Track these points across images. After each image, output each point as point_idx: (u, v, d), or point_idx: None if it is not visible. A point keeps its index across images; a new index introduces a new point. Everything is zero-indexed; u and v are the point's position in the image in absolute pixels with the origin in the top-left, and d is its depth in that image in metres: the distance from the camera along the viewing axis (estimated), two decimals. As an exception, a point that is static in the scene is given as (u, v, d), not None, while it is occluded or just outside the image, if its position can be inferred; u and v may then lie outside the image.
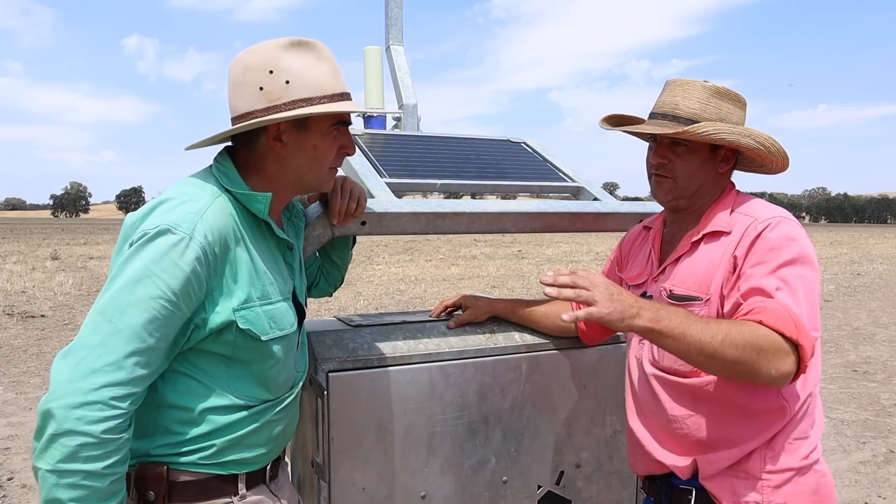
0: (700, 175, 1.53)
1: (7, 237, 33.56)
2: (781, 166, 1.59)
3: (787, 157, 1.54)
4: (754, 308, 1.35)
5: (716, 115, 1.51)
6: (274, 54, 1.32)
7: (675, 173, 1.54)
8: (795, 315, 1.32)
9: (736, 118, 1.53)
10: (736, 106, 1.54)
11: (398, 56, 2.73)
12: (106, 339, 1.15)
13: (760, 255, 1.41)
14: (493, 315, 1.91)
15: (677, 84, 1.56)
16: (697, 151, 1.52)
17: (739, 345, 1.29)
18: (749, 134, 1.48)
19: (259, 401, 1.37)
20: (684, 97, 1.52)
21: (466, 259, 19.81)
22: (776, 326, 1.30)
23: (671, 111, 1.53)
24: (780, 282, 1.37)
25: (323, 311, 9.65)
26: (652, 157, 1.56)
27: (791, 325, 1.31)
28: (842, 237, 44.76)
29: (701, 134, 1.46)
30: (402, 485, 1.74)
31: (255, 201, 1.34)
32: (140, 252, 1.20)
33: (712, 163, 1.54)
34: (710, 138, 1.46)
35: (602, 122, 1.66)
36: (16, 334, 8.24)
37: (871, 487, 4.14)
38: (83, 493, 1.12)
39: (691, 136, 1.47)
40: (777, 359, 1.30)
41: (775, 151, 1.51)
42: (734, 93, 1.54)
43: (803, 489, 1.45)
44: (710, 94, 1.52)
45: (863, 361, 7.36)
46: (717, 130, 1.46)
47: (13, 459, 4.39)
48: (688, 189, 1.55)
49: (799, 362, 1.33)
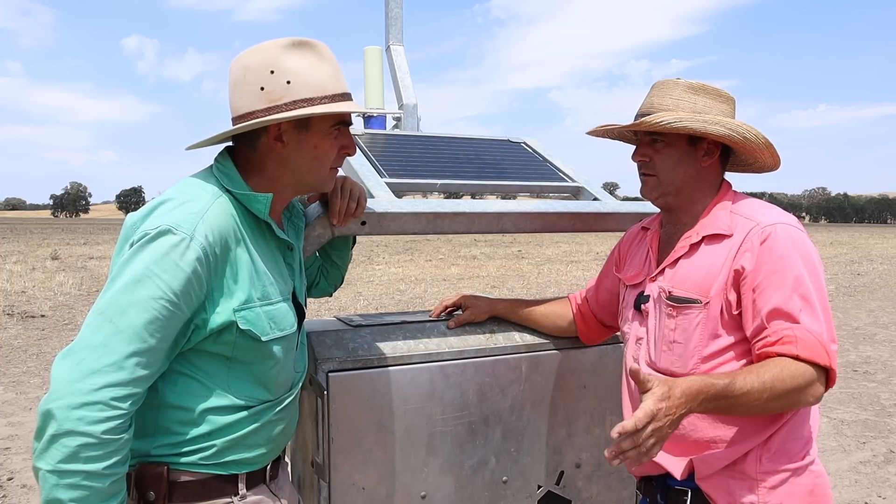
0: (681, 169, 1.53)
1: (7, 237, 33.56)
2: (772, 162, 1.58)
3: (773, 147, 1.52)
4: (783, 338, 1.37)
5: (690, 108, 1.51)
6: (275, 54, 1.31)
7: (656, 169, 1.55)
8: (824, 340, 1.37)
9: (716, 112, 1.52)
10: (716, 101, 1.53)
11: (398, 56, 2.73)
12: (107, 339, 1.15)
13: (770, 267, 1.41)
14: (493, 315, 1.91)
15: (657, 85, 1.58)
16: (674, 145, 1.53)
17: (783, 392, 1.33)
18: (720, 122, 1.47)
19: (259, 401, 1.37)
20: (660, 96, 1.54)
21: (466, 259, 19.81)
22: (811, 358, 1.35)
23: (647, 110, 1.54)
24: (800, 301, 1.39)
25: (323, 311, 9.65)
26: (634, 155, 1.59)
27: (823, 353, 1.36)
28: (842, 237, 44.76)
29: (660, 123, 1.46)
30: (402, 485, 1.74)
31: (255, 202, 1.34)
32: (141, 252, 1.20)
33: (693, 157, 1.53)
34: (671, 127, 1.46)
35: (589, 132, 1.71)
36: (16, 334, 8.25)
37: (871, 487, 4.14)
38: (83, 493, 1.12)
39: (650, 126, 1.47)
40: (815, 388, 1.37)
41: (752, 138, 1.49)
42: (713, 88, 1.54)
43: (799, 490, 1.45)
44: (683, 90, 1.52)
45: (863, 361, 7.36)
46: (678, 119, 1.46)
47: (13, 459, 4.39)
48: (671, 185, 1.55)
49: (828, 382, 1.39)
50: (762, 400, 1.32)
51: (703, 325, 1.47)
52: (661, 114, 1.48)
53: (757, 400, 1.32)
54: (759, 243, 1.43)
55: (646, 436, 1.19)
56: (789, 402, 1.36)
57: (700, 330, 1.47)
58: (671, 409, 1.23)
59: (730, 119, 1.52)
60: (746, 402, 1.32)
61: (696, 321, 1.48)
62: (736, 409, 1.35)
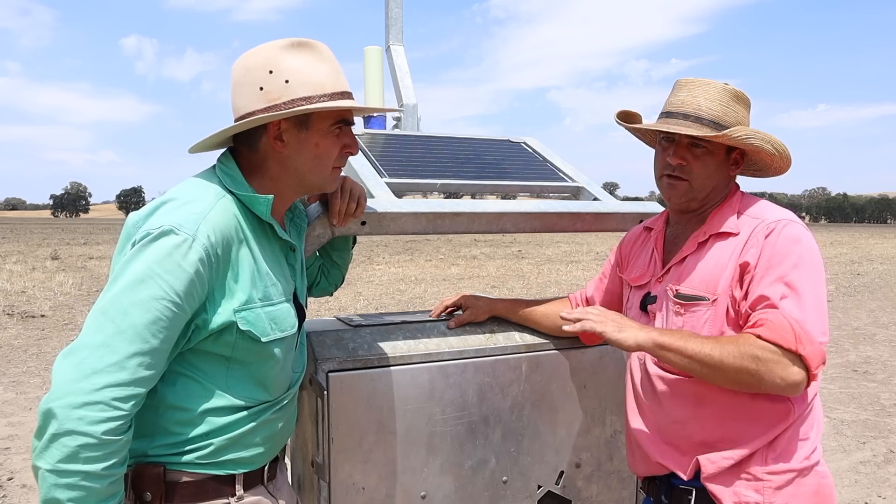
0: (715, 177, 1.54)
1: (7, 237, 33.56)
2: (782, 170, 1.60)
3: (791, 160, 1.55)
4: (756, 321, 1.38)
5: (734, 118, 1.51)
6: (274, 54, 1.32)
7: (692, 175, 1.52)
8: (798, 324, 1.35)
9: (747, 121, 1.55)
10: (747, 109, 1.55)
11: (398, 56, 2.73)
12: (109, 339, 1.14)
13: (769, 260, 1.41)
14: (493, 315, 1.91)
15: (696, 84, 1.54)
16: (715, 154, 1.52)
17: (737, 355, 1.35)
18: (768, 139, 1.49)
19: (257, 401, 1.37)
20: (706, 98, 1.51)
21: (466, 259, 19.81)
22: (773, 339, 1.34)
23: (694, 112, 1.51)
24: (785, 288, 1.38)
25: (323, 311, 9.64)
26: (671, 157, 1.52)
27: (790, 337, 1.34)
28: (842, 237, 44.75)
29: (740, 138, 1.45)
30: (402, 485, 1.74)
31: (257, 203, 1.34)
32: (143, 252, 1.20)
33: (726, 165, 1.54)
34: (745, 143, 1.46)
35: (618, 119, 1.63)
36: (16, 334, 8.25)
37: (871, 487, 4.14)
38: (81, 493, 1.12)
39: (729, 139, 1.46)
40: (780, 368, 1.34)
41: (786, 157, 1.52)
42: (746, 96, 1.55)
43: (804, 490, 1.45)
44: (729, 97, 1.52)
45: (863, 361, 7.36)
46: (748, 135, 1.46)
47: (13, 459, 4.39)
48: (702, 191, 1.54)
49: (808, 370, 1.35)
50: (707, 367, 1.37)
51: (710, 322, 1.47)
52: (739, 128, 1.46)
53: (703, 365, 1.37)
54: (764, 237, 1.44)
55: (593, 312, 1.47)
56: (747, 370, 1.35)
57: (708, 327, 1.47)
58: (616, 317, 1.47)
59: (769, 135, 1.51)
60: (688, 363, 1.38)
61: (703, 318, 1.48)
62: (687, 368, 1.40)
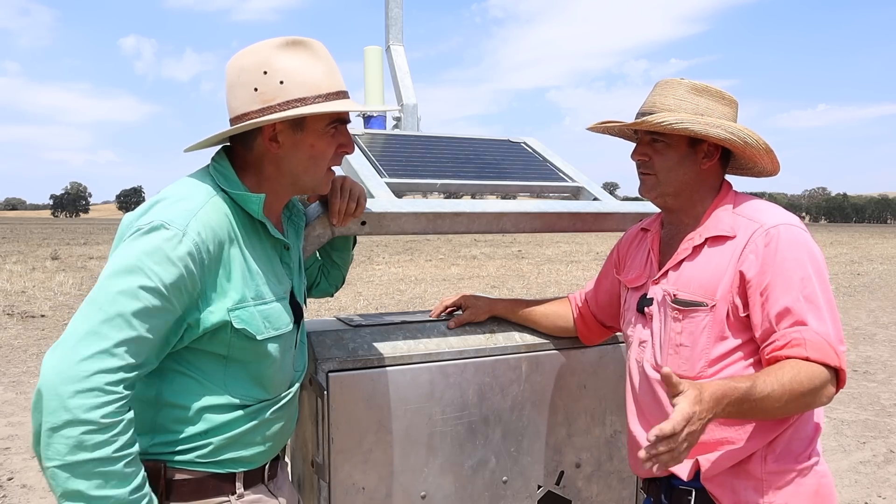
0: (680, 170, 1.53)
1: (7, 237, 33.56)
2: (771, 168, 1.58)
3: (773, 153, 1.52)
4: (791, 341, 1.38)
5: (692, 110, 1.50)
6: (268, 55, 1.31)
7: (655, 169, 1.54)
8: (831, 340, 1.38)
9: (718, 114, 1.52)
10: (719, 103, 1.53)
11: (398, 56, 2.72)
12: (96, 327, 1.13)
13: (776, 270, 1.41)
14: (493, 315, 1.91)
15: (660, 84, 1.57)
16: (674, 146, 1.52)
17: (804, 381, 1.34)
18: (721, 125, 1.47)
19: (256, 400, 1.37)
20: (662, 95, 1.54)
21: (466, 259, 19.80)
22: (822, 360, 1.36)
23: (649, 109, 1.54)
24: (806, 303, 1.39)
25: (323, 311, 9.64)
26: (632, 154, 1.58)
27: (832, 354, 1.37)
28: (842, 237, 44.74)
29: (660, 123, 1.46)
30: (402, 485, 1.74)
31: (249, 202, 1.34)
32: (133, 244, 1.20)
33: (693, 159, 1.53)
34: (671, 128, 1.46)
35: (588, 128, 1.70)
36: (16, 334, 8.25)
37: (871, 487, 4.14)
38: (101, 480, 1.10)
39: (651, 126, 1.47)
40: (828, 389, 1.38)
41: (753, 143, 1.49)
42: (717, 89, 1.54)
43: (804, 490, 1.45)
44: (686, 90, 1.52)
45: (863, 361, 7.36)
46: (679, 120, 1.46)
47: (13, 459, 4.39)
48: (670, 185, 1.54)
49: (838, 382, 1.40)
50: (781, 402, 1.32)
51: (709, 327, 1.47)
52: (664, 114, 1.48)
53: (777, 402, 1.32)
54: (764, 246, 1.43)
55: (681, 439, 1.20)
56: (805, 404, 1.37)
57: (707, 333, 1.47)
58: (703, 412, 1.23)
59: (731, 122, 1.51)
60: (766, 406, 1.32)
61: (702, 324, 1.48)
62: (755, 413, 1.35)
